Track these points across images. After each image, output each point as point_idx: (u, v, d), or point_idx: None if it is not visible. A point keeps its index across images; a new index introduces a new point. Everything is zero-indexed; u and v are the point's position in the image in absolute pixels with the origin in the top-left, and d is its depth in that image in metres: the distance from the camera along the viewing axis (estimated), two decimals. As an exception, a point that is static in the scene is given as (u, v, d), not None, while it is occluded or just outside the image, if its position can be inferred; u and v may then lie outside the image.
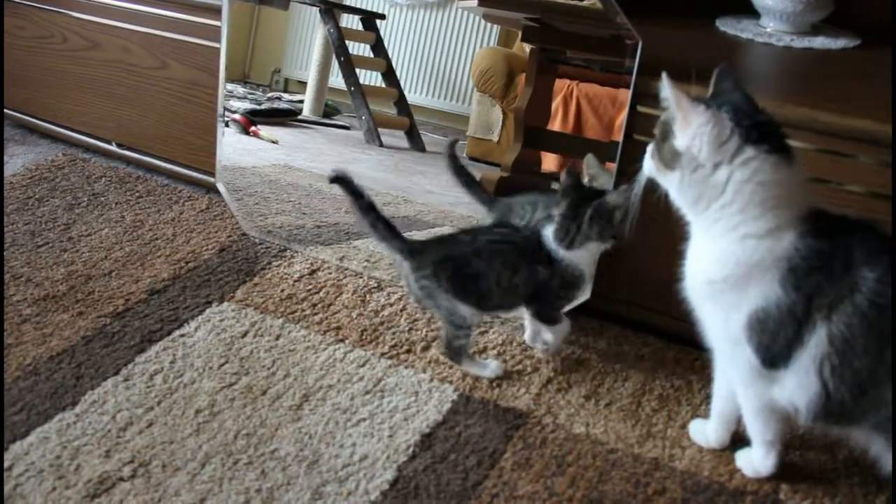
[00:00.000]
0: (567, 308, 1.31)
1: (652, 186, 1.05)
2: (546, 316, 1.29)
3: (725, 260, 0.96)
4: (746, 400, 1.05)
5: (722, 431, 1.14)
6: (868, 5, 1.76)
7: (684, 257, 1.05)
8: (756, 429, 1.07)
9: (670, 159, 0.97)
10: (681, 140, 0.95)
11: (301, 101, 2.17)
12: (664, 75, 0.96)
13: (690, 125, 0.94)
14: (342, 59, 2.08)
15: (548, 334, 1.32)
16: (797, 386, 0.96)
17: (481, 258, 1.22)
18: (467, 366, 1.25)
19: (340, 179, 1.23)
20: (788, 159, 0.95)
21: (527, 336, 1.35)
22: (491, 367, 1.26)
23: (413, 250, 1.23)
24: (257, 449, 1.06)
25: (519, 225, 1.34)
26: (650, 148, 1.02)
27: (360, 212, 1.23)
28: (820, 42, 1.64)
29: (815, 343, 0.93)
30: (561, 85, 1.84)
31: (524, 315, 1.35)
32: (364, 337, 1.33)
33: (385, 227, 1.22)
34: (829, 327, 0.92)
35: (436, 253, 1.23)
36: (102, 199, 1.72)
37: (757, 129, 0.94)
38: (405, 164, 2.09)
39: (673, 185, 0.99)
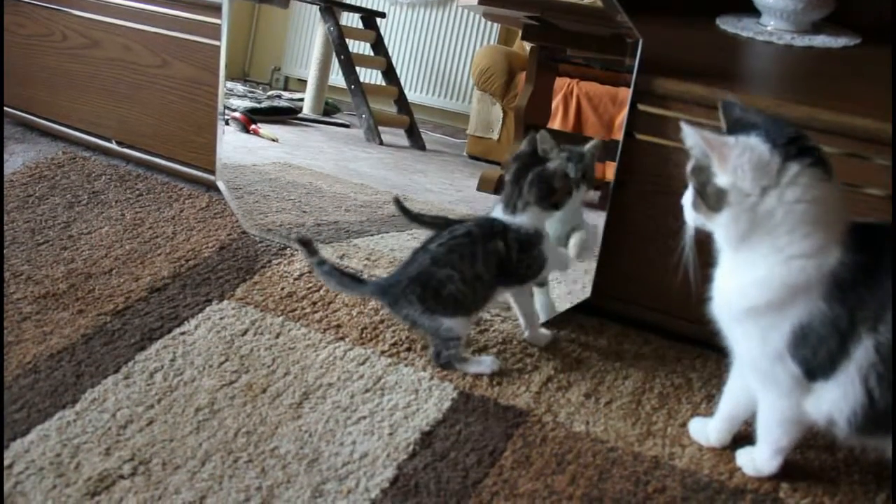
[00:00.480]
0: (544, 274, 1.31)
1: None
2: (521, 278, 1.28)
3: (770, 284, 0.94)
4: (774, 411, 1.04)
5: (725, 432, 1.14)
6: (869, 4, 1.76)
7: (712, 279, 1.03)
8: (774, 436, 1.06)
9: (716, 201, 0.95)
10: (723, 178, 0.94)
11: (301, 100, 2.16)
12: (684, 124, 0.95)
13: (728, 160, 0.92)
14: (342, 57, 2.08)
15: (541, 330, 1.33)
16: (840, 397, 0.95)
17: (440, 264, 1.23)
18: (463, 368, 1.25)
19: (303, 243, 1.28)
20: (829, 171, 0.93)
21: (526, 334, 1.36)
22: (486, 362, 1.26)
23: (383, 290, 1.26)
24: (257, 447, 1.06)
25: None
26: (689, 200, 1.00)
27: (323, 274, 1.27)
28: (821, 41, 1.64)
29: (861, 353, 0.92)
30: (561, 83, 1.84)
31: (515, 311, 1.36)
32: (364, 335, 1.33)
33: (350, 280, 1.27)
34: (875, 337, 0.91)
35: (400, 281, 1.24)
36: (102, 197, 1.72)
37: (794, 144, 0.92)
38: (405, 162, 2.08)
39: (722, 225, 0.96)
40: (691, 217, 1.01)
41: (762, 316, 0.96)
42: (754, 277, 0.96)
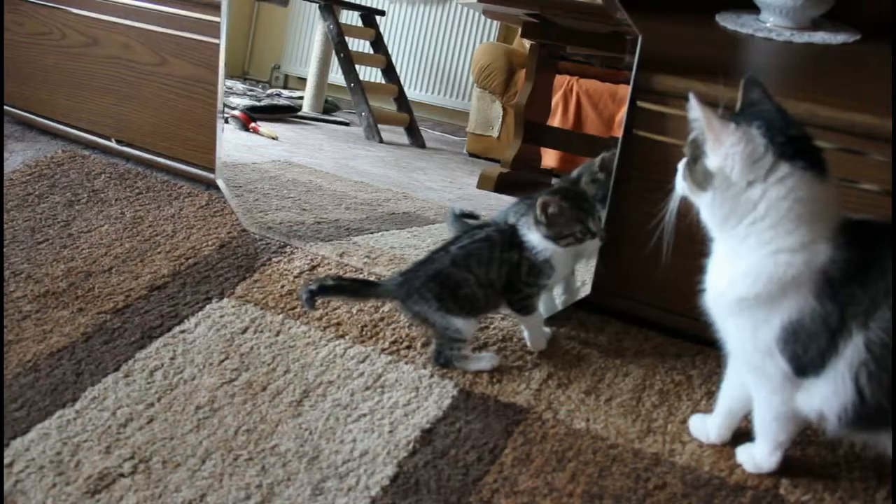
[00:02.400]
0: (538, 297, 1.29)
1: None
2: (518, 304, 1.28)
3: (757, 276, 0.94)
4: (769, 406, 1.04)
5: (725, 429, 1.14)
6: (868, 1, 1.76)
7: (705, 271, 1.03)
8: (771, 431, 1.06)
9: (702, 180, 0.95)
10: (713, 160, 0.93)
11: (301, 98, 2.17)
12: (692, 96, 0.94)
13: (722, 145, 0.92)
14: (342, 55, 2.08)
15: (525, 331, 1.32)
16: (830, 394, 0.95)
17: (459, 266, 1.24)
18: (462, 366, 1.25)
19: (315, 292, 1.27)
20: (823, 174, 0.93)
21: (528, 341, 1.35)
22: (485, 358, 1.26)
23: (395, 288, 1.26)
24: (258, 445, 1.06)
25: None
26: (681, 168, 1.01)
27: (332, 296, 1.30)
28: (820, 37, 1.64)
29: (852, 351, 0.92)
30: (561, 81, 1.84)
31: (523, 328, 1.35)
32: (364, 333, 1.33)
33: (362, 286, 1.31)
34: (867, 334, 0.91)
35: (417, 278, 1.25)
36: (102, 195, 1.72)
37: (791, 145, 0.92)
38: (405, 160, 2.08)
39: (704, 205, 0.97)
40: (679, 185, 1.01)
41: (752, 309, 0.96)
42: (744, 269, 0.96)
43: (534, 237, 1.24)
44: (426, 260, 1.27)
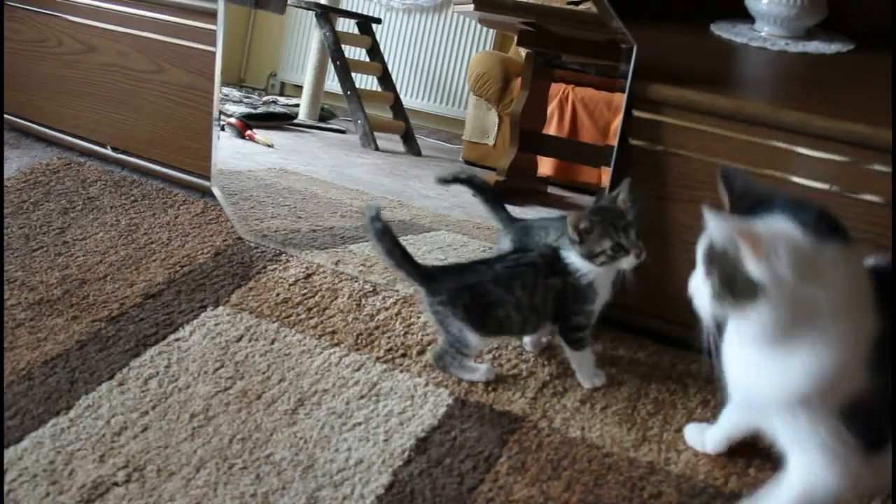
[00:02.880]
0: (589, 331, 1.26)
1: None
2: (570, 336, 1.25)
3: (812, 371, 0.86)
4: (830, 486, 0.92)
5: (722, 446, 1.14)
6: (862, 10, 1.77)
7: (726, 361, 0.96)
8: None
9: (748, 292, 0.85)
10: (757, 268, 0.83)
11: (297, 105, 2.17)
12: (705, 208, 0.85)
13: (761, 247, 0.82)
14: (338, 63, 2.09)
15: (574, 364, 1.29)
16: None
17: (500, 285, 1.22)
18: (457, 373, 1.25)
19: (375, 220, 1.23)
20: (850, 240, 0.87)
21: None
22: (481, 370, 1.26)
23: (429, 276, 1.24)
24: (252, 453, 1.06)
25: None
26: (703, 288, 0.91)
27: (375, 238, 1.23)
28: (814, 47, 1.65)
29: None
30: (556, 89, 1.85)
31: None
32: (359, 341, 1.33)
33: (401, 254, 1.23)
34: None
35: (452, 280, 1.23)
36: (97, 202, 1.72)
37: (822, 222, 0.85)
38: (401, 167, 2.09)
39: (754, 318, 0.86)
40: (708, 307, 0.91)
41: (805, 402, 0.89)
42: (796, 364, 0.87)
43: (575, 259, 1.22)
44: (466, 267, 1.26)
